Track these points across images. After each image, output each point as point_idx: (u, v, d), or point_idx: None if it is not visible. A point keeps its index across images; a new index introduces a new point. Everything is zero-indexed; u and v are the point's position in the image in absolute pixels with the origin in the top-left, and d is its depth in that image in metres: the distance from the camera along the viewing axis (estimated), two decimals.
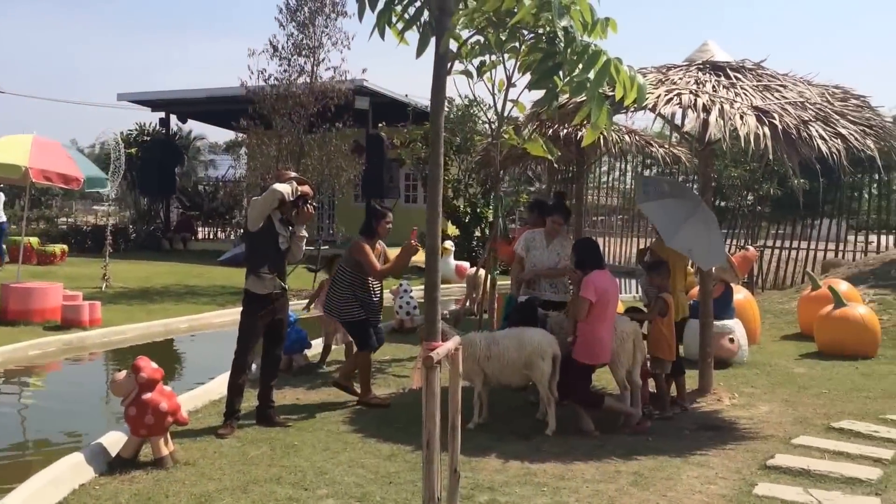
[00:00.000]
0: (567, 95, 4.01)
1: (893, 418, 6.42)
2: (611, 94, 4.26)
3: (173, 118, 26.86)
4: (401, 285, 10.89)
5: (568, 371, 5.97)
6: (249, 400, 6.28)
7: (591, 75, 3.12)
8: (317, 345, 8.74)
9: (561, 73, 3.21)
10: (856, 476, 4.95)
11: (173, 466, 5.00)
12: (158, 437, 5.02)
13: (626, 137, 9.52)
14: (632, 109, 6.74)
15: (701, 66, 6.92)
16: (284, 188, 5.96)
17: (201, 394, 6.71)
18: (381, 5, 3.36)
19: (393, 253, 7.00)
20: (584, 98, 3.25)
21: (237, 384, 6.02)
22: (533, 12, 3.17)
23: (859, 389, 7.64)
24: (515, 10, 3.20)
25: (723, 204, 17.79)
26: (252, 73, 15.08)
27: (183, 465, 5.05)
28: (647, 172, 17.92)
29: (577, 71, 3.13)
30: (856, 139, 6.25)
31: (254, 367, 6.52)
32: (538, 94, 3.34)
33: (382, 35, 3.42)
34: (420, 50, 3.41)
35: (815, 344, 9.76)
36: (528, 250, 7.10)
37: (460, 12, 3.34)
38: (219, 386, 6.90)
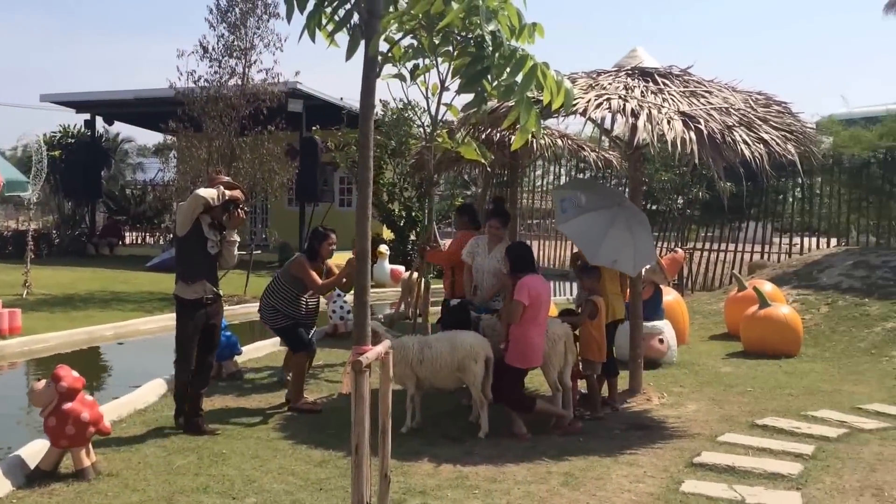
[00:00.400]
0: (496, 99, 4.03)
1: (814, 415, 6.64)
2: (539, 98, 4.31)
3: (99, 120, 26.04)
4: (334, 289, 10.65)
5: (500, 374, 5.99)
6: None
7: (519, 79, 3.14)
8: (248, 350, 8.59)
9: (490, 76, 3.22)
10: (778, 471, 5.11)
11: (95, 478, 4.84)
12: (80, 448, 4.85)
13: (559, 141, 9.63)
14: (562, 114, 6.80)
15: (630, 72, 7.05)
16: (209, 193, 5.84)
17: (126, 403, 6.51)
18: (310, 7, 3.32)
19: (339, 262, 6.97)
20: (514, 102, 3.27)
21: (183, 383, 5.97)
22: (461, 16, 3.17)
23: (782, 387, 7.87)
24: (445, 14, 3.20)
25: (654, 207, 18.15)
26: (181, 74, 14.76)
27: (105, 477, 4.89)
28: (581, 176, 18.14)
29: (504, 75, 3.15)
30: (777, 144, 6.45)
31: None
32: (470, 97, 3.35)
33: (313, 37, 3.39)
34: (350, 52, 3.38)
35: (741, 343, 10.03)
36: (473, 257, 7.09)
37: (390, 15, 3.32)
38: (144, 395, 6.73)
